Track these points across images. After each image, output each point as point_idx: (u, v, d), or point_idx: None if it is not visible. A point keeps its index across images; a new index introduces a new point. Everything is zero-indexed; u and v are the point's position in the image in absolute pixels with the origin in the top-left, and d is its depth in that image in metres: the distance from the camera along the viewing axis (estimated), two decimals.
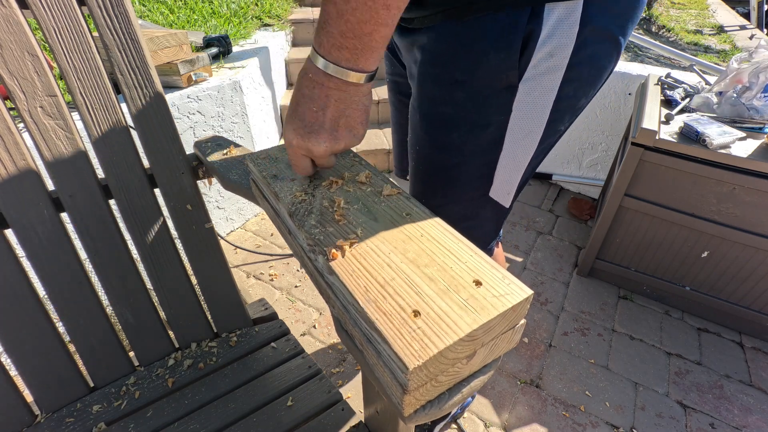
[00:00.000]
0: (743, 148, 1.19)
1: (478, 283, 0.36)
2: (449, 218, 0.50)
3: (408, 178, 0.76)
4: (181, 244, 0.75)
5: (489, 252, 0.79)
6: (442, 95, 0.58)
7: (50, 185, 0.65)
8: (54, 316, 0.68)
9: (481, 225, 0.70)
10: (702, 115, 1.32)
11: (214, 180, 0.76)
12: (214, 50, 1.78)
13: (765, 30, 3.55)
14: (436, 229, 0.43)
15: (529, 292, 0.35)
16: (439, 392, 0.36)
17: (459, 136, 0.59)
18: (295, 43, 2.69)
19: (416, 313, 0.34)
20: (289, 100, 0.47)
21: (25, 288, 0.64)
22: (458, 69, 0.54)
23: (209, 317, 0.80)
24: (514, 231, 1.90)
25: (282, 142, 1.50)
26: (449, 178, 0.64)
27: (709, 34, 3.33)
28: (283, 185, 0.50)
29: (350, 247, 0.41)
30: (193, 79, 1.49)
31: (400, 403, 0.33)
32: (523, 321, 0.37)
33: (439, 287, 0.36)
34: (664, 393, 1.25)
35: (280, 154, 0.57)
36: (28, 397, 0.67)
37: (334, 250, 0.40)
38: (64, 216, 0.66)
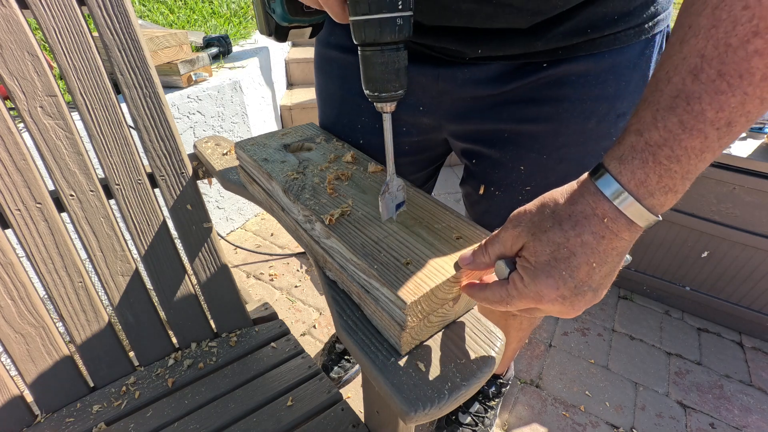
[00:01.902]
0: (743, 148, 1.19)
1: (458, 237, 0.42)
2: None
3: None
4: (181, 244, 0.75)
5: None
6: (607, 131, 0.53)
7: (50, 185, 0.65)
8: (54, 316, 0.68)
9: None
10: None
11: (214, 180, 0.76)
12: (214, 50, 1.78)
13: None
14: (419, 198, 0.49)
15: None
16: (430, 333, 0.40)
17: None
18: (295, 44, 2.69)
19: (408, 262, 0.39)
20: (535, 221, 0.32)
21: (25, 288, 0.64)
22: (624, 100, 0.52)
23: (209, 317, 0.80)
24: None
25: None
26: None
27: None
28: (275, 167, 0.54)
29: (344, 213, 0.45)
30: (193, 79, 1.49)
31: (398, 343, 0.38)
32: None
33: (426, 242, 0.41)
34: (664, 393, 1.25)
35: (267, 140, 0.61)
36: (28, 397, 0.67)
37: (330, 216, 0.45)
38: (64, 216, 0.66)
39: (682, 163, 0.28)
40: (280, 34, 0.48)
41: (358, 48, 0.37)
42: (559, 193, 0.32)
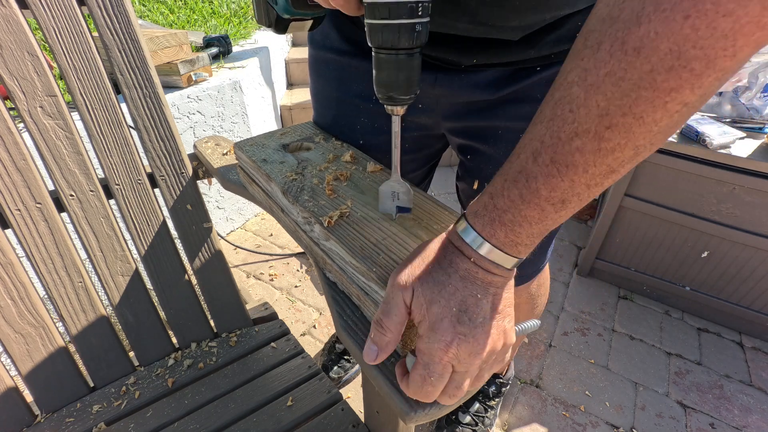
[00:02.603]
0: (743, 148, 1.19)
1: None
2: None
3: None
4: (181, 244, 0.75)
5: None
6: None
7: (50, 185, 0.65)
8: (54, 316, 0.68)
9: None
10: (702, 115, 1.32)
11: (214, 180, 0.76)
12: (214, 50, 1.78)
13: None
14: (418, 198, 0.48)
15: None
16: None
17: None
18: (295, 43, 2.69)
19: None
20: (416, 270, 0.34)
21: (25, 288, 0.64)
22: None
23: (209, 317, 0.80)
24: None
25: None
26: None
27: None
28: (273, 168, 0.54)
29: (343, 215, 0.45)
30: (193, 79, 1.49)
31: (398, 344, 0.36)
32: None
33: None
34: (664, 393, 1.25)
35: (266, 141, 0.61)
36: (28, 397, 0.67)
37: (329, 218, 0.44)
38: (64, 216, 0.66)
39: (524, 227, 0.31)
40: (280, 26, 0.47)
41: (373, 50, 0.37)
42: (434, 243, 0.35)
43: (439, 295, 0.32)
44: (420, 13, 0.33)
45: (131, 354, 0.75)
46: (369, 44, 0.36)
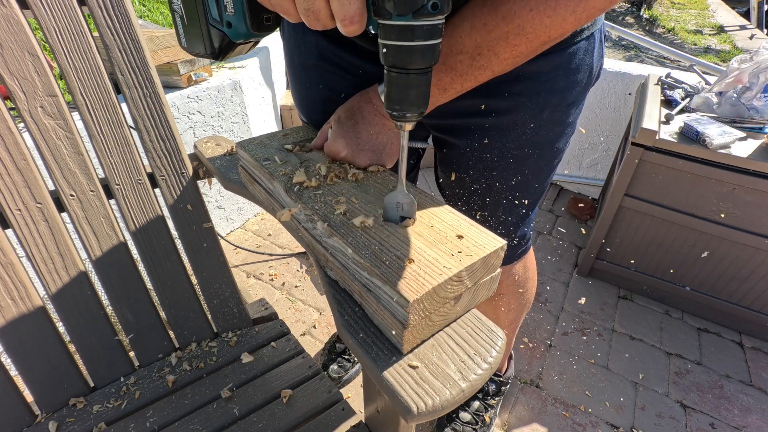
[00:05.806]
0: (743, 148, 1.19)
1: (459, 236, 0.42)
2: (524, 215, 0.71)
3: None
4: (181, 244, 0.75)
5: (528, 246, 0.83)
6: (560, 118, 0.63)
7: (50, 185, 0.65)
8: (54, 316, 0.68)
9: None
10: (702, 115, 1.32)
11: (214, 180, 0.76)
12: None
13: (765, 30, 3.56)
14: (420, 197, 0.49)
15: (503, 242, 0.41)
16: (431, 332, 0.40)
17: (564, 143, 0.68)
18: None
19: (411, 261, 0.39)
20: (341, 113, 0.55)
21: (25, 288, 0.64)
22: (572, 91, 0.60)
23: (209, 317, 0.80)
24: None
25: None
26: (549, 177, 0.72)
27: (709, 34, 3.34)
28: (276, 167, 0.54)
29: (346, 212, 0.46)
30: (193, 79, 1.49)
31: (400, 341, 0.38)
32: (498, 270, 0.43)
33: (428, 241, 0.41)
34: (664, 393, 1.25)
35: (269, 141, 0.61)
36: (28, 397, 0.67)
37: (336, 209, 0.45)
38: (65, 216, 0.66)
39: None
40: (226, 52, 0.44)
41: (386, 69, 0.36)
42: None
43: (348, 132, 0.53)
44: (442, 33, 0.33)
45: (131, 354, 0.75)
46: (382, 62, 0.35)
